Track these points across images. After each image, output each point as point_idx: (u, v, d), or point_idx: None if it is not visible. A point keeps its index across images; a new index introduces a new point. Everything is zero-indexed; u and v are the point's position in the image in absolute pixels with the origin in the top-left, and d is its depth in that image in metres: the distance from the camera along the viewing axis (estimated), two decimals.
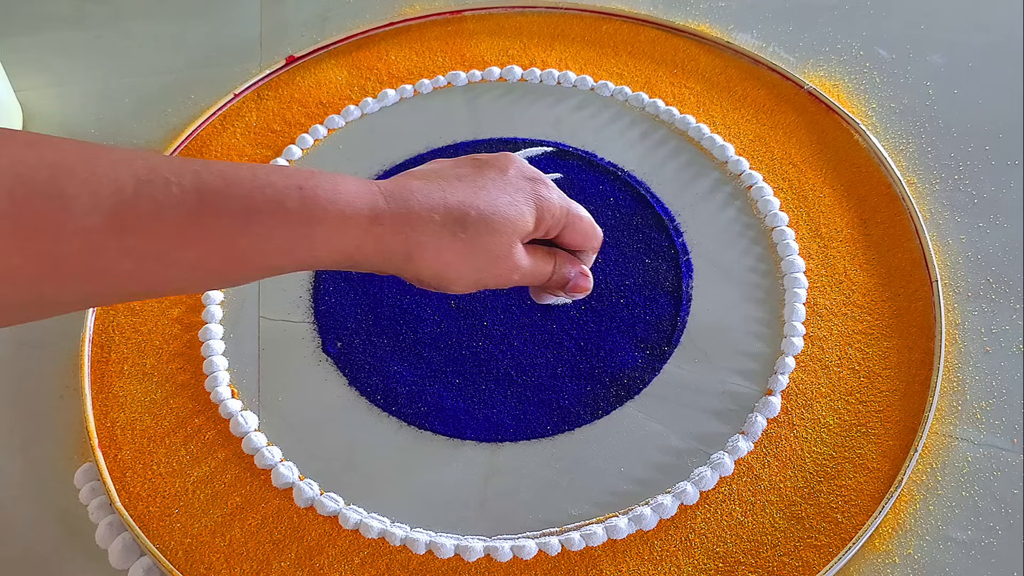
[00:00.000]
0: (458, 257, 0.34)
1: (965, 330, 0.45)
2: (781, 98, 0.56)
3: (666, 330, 0.46)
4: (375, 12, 0.63)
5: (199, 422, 0.44)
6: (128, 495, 0.42)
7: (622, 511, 0.40)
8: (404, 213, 0.33)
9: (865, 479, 0.41)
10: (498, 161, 0.37)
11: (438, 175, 0.35)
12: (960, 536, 0.39)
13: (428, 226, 0.33)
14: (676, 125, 0.55)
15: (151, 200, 0.27)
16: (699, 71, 0.58)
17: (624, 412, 0.44)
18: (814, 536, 0.39)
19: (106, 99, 0.60)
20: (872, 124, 0.54)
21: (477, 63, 0.59)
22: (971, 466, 0.41)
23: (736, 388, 0.44)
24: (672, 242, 0.49)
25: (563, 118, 0.56)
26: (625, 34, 0.60)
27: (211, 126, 0.57)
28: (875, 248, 0.49)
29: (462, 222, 0.34)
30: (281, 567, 0.40)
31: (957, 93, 0.56)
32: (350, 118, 0.57)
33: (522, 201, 0.36)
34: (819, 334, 0.45)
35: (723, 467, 0.41)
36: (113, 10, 0.66)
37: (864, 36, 0.59)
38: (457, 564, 0.39)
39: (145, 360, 0.47)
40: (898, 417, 0.43)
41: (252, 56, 0.61)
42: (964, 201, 0.50)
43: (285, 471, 0.42)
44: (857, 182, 0.51)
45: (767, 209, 0.50)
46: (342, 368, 0.46)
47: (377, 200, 0.32)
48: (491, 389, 0.45)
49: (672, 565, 0.39)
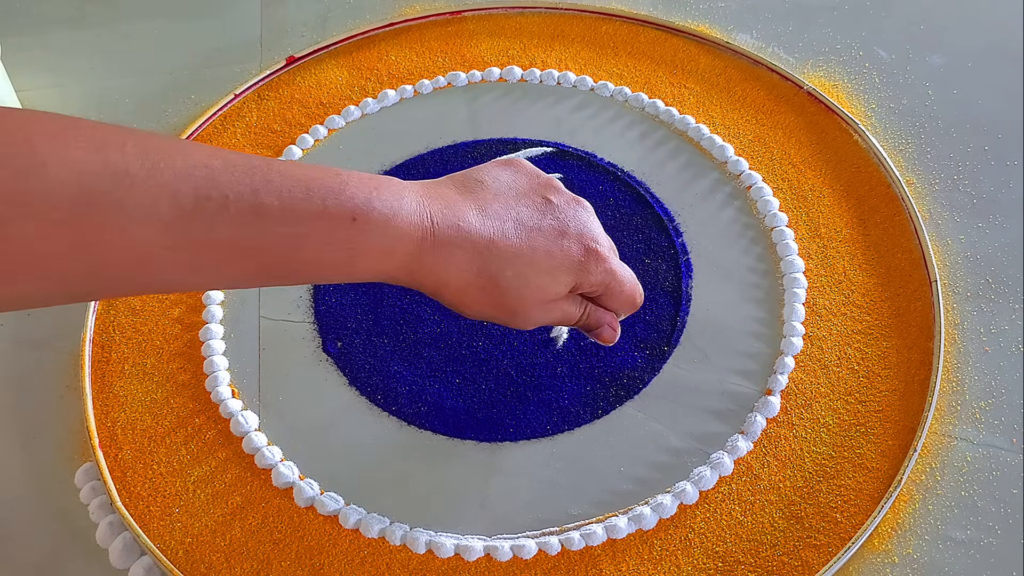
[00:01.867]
0: (476, 301, 0.34)
1: (964, 330, 0.45)
2: (780, 98, 0.56)
3: (666, 330, 0.46)
4: (375, 12, 0.63)
5: (199, 422, 0.44)
6: (128, 495, 0.42)
7: (622, 511, 0.40)
8: (447, 250, 0.33)
9: (864, 479, 0.41)
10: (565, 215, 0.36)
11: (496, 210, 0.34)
12: (959, 536, 0.39)
13: (463, 270, 0.33)
14: (676, 125, 0.55)
15: (207, 218, 0.27)
16: (699, 71, 0.58)
17: (624, 412, 0.44)
18: (813, 536, 0.39)
19: (106, 99, 0.60)
20: (871, 124, 0.54)
21: (477, 63, 0.59)
22: (970, 466, 0.41)
23: (735, 388, 0.44)
24: (672, 242, 0.49)
25: (563, 118, 0.56)
26: (625, 35, 0.60)
27: (211, 126, 0.57)
28: (874, 248, 0.49)
29: (494, 279, 0.34)
30: (281, 566, 0.40)
31: (956, 93, 0.56)
32: (350, 118, 0.57)
33: (563, 271, 0.35)
34: (818, 334, 0.46)
35: (723, 467, 0.41)
36: (113, 10, 0.66)
37: (864, 36, 0.59)
38: (457, 564, 0.39)
39: (146, 360, 0.47)
40: (897, 417, 0.43)
41: (252, 56, 0.61)
42: (963, 201, 0.50)
43: (285, 471, 0.42)
44: (856, 182, 0.51)
45: (766, 209, 0.50)
46: (342, 368, 0.46)
47: (426, 236, 0.32)
48: (491, 389, 0.45)
49: (672, 564, 0.39)
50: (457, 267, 0.33)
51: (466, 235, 0.33)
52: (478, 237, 0.33)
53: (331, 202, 0.30)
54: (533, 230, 0.34)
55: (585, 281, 0.36)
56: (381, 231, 0.31)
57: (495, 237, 0.33)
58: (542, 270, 0.34)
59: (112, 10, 0.66)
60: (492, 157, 0.53)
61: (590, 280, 0.36)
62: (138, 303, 0.49)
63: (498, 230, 0.34)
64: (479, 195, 0.34)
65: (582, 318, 0.38)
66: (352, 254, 0.31)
